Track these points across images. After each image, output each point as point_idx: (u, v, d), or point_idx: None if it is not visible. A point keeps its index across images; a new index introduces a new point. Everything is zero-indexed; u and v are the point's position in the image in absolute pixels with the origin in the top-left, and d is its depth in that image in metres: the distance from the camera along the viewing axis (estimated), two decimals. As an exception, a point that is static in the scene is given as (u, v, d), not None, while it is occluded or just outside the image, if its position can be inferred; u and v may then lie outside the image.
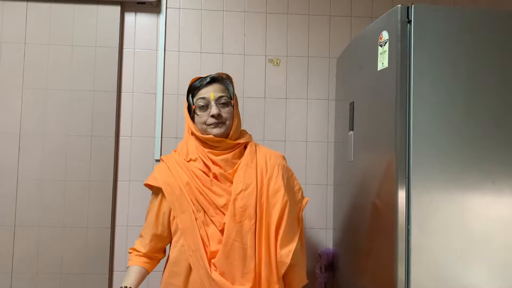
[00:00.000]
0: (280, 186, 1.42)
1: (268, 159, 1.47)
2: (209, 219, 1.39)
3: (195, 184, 1.40)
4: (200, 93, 1.46)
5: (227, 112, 1.45)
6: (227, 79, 1.51)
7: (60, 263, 1.98)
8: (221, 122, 1.43)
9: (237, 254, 1.35)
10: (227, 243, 1.34)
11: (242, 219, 1.37)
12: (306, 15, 2.20)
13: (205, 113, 1.44)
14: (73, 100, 2.04)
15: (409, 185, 1.36)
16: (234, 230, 1.35)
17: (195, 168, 1.42)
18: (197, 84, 1.48)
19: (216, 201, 1.38)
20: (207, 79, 1.47)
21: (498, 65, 1.41)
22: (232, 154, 1.44)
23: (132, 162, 2.08)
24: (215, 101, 1.43)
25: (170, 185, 1.42)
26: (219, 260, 1.34)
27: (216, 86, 1.46)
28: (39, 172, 2.00)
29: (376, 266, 1.51)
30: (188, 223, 1.38)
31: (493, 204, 1.37)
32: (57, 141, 2.02)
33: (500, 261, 1.36)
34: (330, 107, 2.18)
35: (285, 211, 1.40)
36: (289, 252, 1.38)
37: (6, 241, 1.97)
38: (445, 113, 1.38)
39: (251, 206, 1.38)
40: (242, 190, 1.38)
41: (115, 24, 2.08)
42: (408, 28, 1.40)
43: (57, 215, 1.99)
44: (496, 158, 1.38)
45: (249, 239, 1.36)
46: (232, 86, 1.51)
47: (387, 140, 1.44)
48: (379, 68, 1.51)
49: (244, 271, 1.35)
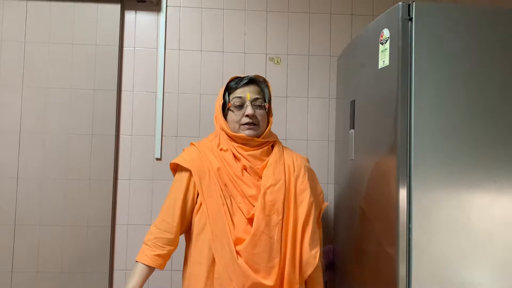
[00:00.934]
0: (306, 186, 1.47)
1: (295, 159, 1.52)
2: (236, 206, 1.41)
3: (226, 170, 1.43)
4: (237, 92, 1.49)
5: (261, 114, 1.49)
6: (264, 82, 1.55)
7: (61, 262, 1.98)
8: (254, 124, 1.47)
9: (264, 246, 1.37)
10: (255, 234, 1.36)
11: (271, 213, 1.39)
12: (307, 13, 2.19)
13: (240, 112, 1.48)
14: (73, 99, 2.03)
15: (410, 184, 1.35)
16: (263, 223, 1.37)
17: (227, 157, 1.45)
18: (234, 83, 1.52)
19: (245, 190, 1.41)
20: (245, 79, 1.51)
21: (499, 63, 1.40)
22: (260, 151, 1.48)
23: (133, 161, 2.08)
24: (250, 102, 1.47)
25: (200, 169, 1.43)
26: (245, 248, 1.36)
27: (253, 88, 1.50)
28: (39, 171, 2.00)
29: (377, 264, 1.51)
30: (215, 208, 1.40)
31: (495, 202, 1.36)
32: (57, 139, 2.02)
33: (501, 260, 1.35)
34: (331, 106, 2.18)
35: (311, 211, 1.44)
36: (317, 254, 1.42)
37: (6, 240, 1.96)
38: (446, 111, 1.38)
39: (280, 201, 1.41)
40: (272, 185, 1.41)
41: (115, 22, 2.08)
42: (409, 25, 1.39)
43: (58, 213, 1.99)
44: (498, 156, 1.37)
45: (276, 233, 1.39)
46: (269, 90, 1.55)
47: (388, 139, 1.44)
48: (380, 66, 1.51)
49: (268, 265, 1.37)
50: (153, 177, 2.08)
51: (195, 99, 2.12)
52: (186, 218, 1.46)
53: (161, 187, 2.07)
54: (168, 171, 1.59)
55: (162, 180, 2.07)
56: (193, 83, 2.13)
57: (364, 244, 1.64)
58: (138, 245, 1.48)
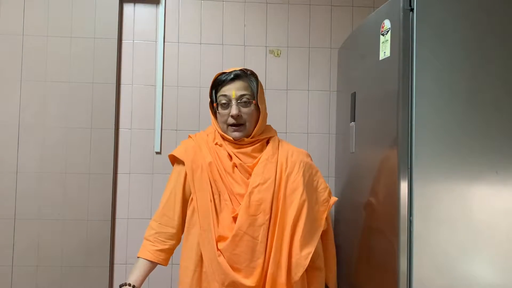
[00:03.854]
0: (298, 184, 1.40)
1: (290, 156, 1.45)
2: (224, 203, 1.39)
3: (217, 166, 1.40)
4: (223, 90, 1.43)
5: (247, 112, 1.42)
6: (252, 75, 1.46)
7: (61, 256, 1.98)
8: (241, 124, 1.42)
9: (245, 247, 1.34)
10: (237, 234, 1.34)
11: (257, 213, 1.35)
12: (307, 5, 2.17)
13: (226, 111, 1.42)
14: (72, 92, 2.02)
15: (411, 176, 1.34)
16: (247, 223, 1.34)
17: (220, 152, 1.43)
18: (220, 79, 1.44)
19: (234, 187, 1.38)
20: (230, 75, 1.43)
21: (501, 55, 1.38)
22: (252, 148, 1.44)
23: (132, 155, 2.07)
24: (236, 100, 1.41)
25: (194, 162, 1.42)
26: (226, 248, 1.34)
27: (239, 84, 1.43)
28: (39, 165, 1.99)
29: (378, 258, 1.50)
30: (203, 203, 1.38)
31: (497, 194, 1.35)
32: (56, 133, 2.01)
33: (503, 252, 1.34)
34: (332, 98, 2.16)
35: (302, 210, 1.38)
36: (308, 255, 1.36)
37: (6, 234, 1.96)
38: (447, 102, 1.36)
39: (267, 200, 1.36)
40: (260, 184, 1.37)
41: (113, 15, 2.06)
42: (411, 16, 1.38)
43: (57, 208, 1.99)
44: (499, 148, 1.36)
45: (261, 234, 1.35)
46: (257, 83, 1.46)
47: (389, 131, 1.43)
48: (381, 58, 1.49)
49: (250, 265, 1.34)
50: (153, 171, 2.07)
51: (195, 92, 2.11)
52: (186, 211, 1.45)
53: (161, 181, 2.06)
54: (168, 165, 1.58)
55: (162, 174, 2.06)
56: (192, 76, 2.12)
57: (365, 237, 1.64)
58: (138, 239, 1.48)
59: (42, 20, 2.03)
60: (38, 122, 2.00)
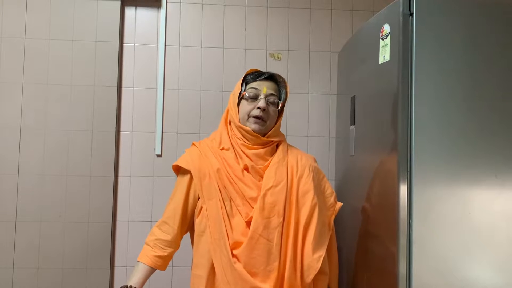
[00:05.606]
0: (309, 187, 1.41)
1: (299, 159, 1.46)
2: (235, 208, 1.38)
3: (226, 171, 1.40)
4: (254, 84, 1.46)
5: (272, 111, 1.45)
6: (283, 83, 1.51)
7: (62, 258, 1.98)
8: (263, 119, 1.43)
9: (262, 250, 1.33)
10: (253, 237, 1.33)
11: (271, 215, 1.35)
12: (307, 9, 2.18)
13: (252, 103, 1.43)
14: (73, 95, 2.03)
15: (410, 179, 1.35)
16: (262, 225, 1.34)
17: (228, 157, 1.42)
18: (254, 76, 1.48)
19: (245, 191, 1.38)
20: (265, 74, 1.47)
21: (500, 58, 1.39)
22: (264, 150, 1.44)
23: (133, 157, 2.08)
24: (265, 96, 1.43)
25: (201, 170, 1.41)
26: (242, 252, 1.33)
27: (271, 84, 1.47)
28: (40, 167, 2.00)
29: (378, 261, 1.51)
30: (214, 211, 1.37)
31: (496, 197, 1.35)
32: (57, 136, 2.02)
33: (503, 255, 1.35)
34: (332, 102, 2.17)
35: (314, 213, 1.39)
36: (320, 258, 1.36)
37: (7, 236, 1.97)
38: (447, 106, 1.37)
39: (281, 203, 1.37)
40: (273, 186, 1.37)
41: (115, 18, 2.07)
42: (410, 20, 1.39)
43: (58, 210, 1.99)
44: (499, 152, 1.36)
45: (276, 236, 1.35)
46: (286, 91, 1.51)
47: (389, 134, 1.43)
48: (381, 62, 1.50)
49: (267, 268, 1.33)
50: (153, 174, 2.08)
51: (196, 95, 2.12)
52: (188, 220, 1.45)
53: (161, 184, 2.07)
54: (168, 168, 1.59)
55: (162, 177, 2.07)
56: (193, 79, 2.13)
57: (364, 240, 1.64)
58: (139, 241, 1.48)
59: (44, 23, 2.04)
60: (39, 125, 2.01)
